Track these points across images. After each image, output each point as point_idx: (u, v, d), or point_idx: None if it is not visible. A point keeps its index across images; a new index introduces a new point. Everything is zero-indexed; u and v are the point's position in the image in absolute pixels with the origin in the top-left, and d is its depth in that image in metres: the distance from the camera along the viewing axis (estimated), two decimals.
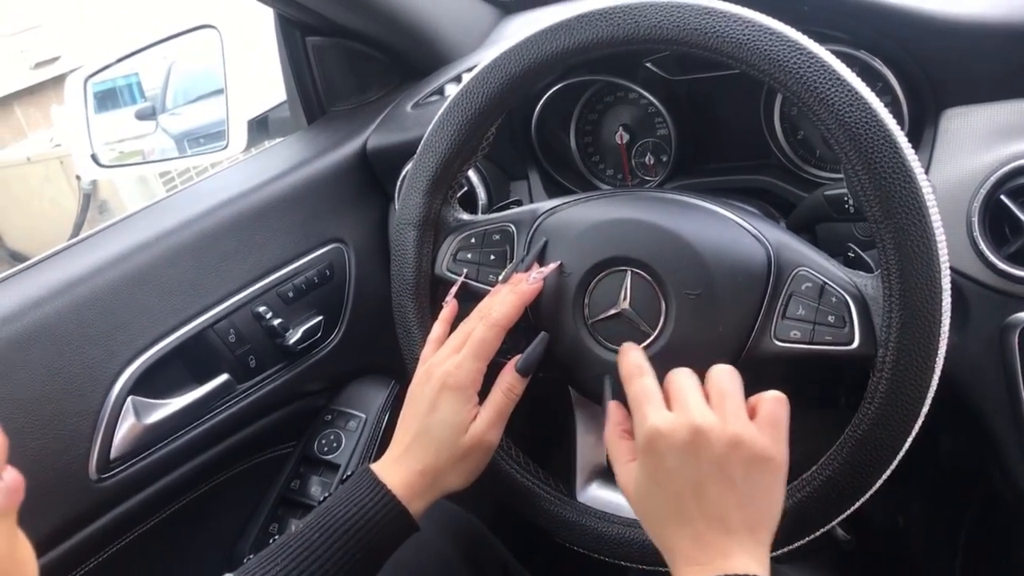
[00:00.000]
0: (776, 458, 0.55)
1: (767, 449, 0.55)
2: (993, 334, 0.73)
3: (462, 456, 0.66)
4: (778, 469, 0.56)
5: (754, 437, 0.55)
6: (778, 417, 0.56)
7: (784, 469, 0.56)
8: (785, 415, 0.57)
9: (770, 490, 0.56)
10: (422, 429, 0.66)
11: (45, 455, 0.74)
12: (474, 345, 0.66)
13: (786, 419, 0.57)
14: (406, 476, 0.65)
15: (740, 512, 0.54)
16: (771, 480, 0.56)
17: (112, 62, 1.12)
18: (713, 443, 0.54)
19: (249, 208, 0.91)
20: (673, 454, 0.55)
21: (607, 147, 0.98)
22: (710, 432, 0.54)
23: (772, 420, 0.56)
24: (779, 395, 0.57)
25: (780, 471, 0.56)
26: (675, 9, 0.61)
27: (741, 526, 0.54)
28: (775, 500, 0.56)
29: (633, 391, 0.60)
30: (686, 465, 0.55)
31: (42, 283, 0.78)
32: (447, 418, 0.65)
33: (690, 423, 0.55)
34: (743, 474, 0.54)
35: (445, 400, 0.65)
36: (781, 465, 0.56)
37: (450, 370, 0.66)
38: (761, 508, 0.55)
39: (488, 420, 0.66)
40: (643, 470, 0.57)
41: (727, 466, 0.54)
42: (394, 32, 1.07)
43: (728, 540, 0.54)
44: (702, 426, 0.54)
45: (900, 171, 0.56)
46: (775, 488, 0.56)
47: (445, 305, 0.72)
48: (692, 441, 0.54)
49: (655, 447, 0.56)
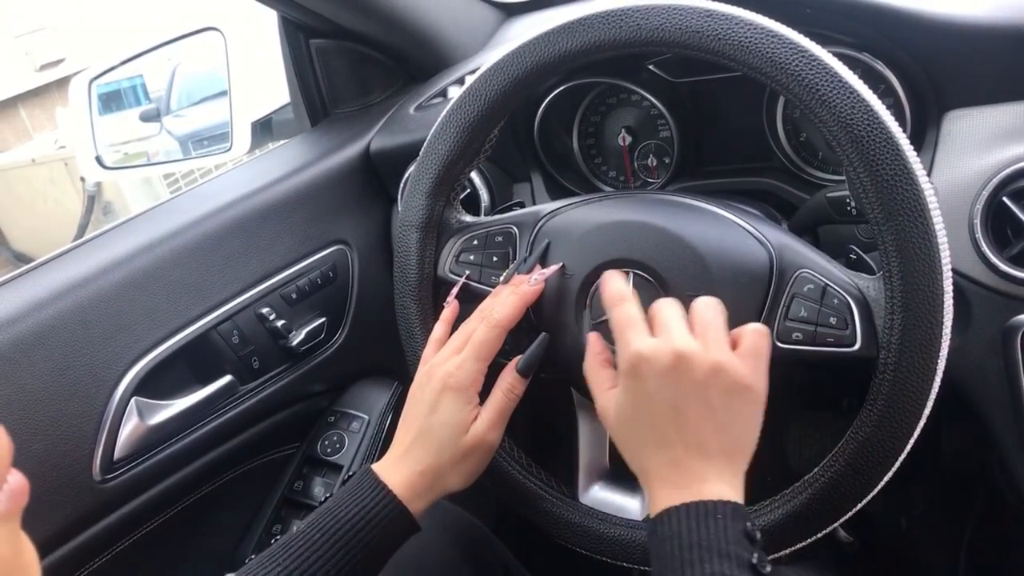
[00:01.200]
0: (755, 387, 0.56)
1: (747, 378, 0.56)
2: (995, 336, 0.73)
3: (463, 456, 0.66)
4: (757, 398, 0.57)
5: (735, 365, 0.56)
6: (760, 348, 0.57)
7: (763, 399, 0.57)
8: (766, 346, 0.58)
9: (748, 418, 0.57)
10: (423, 429, 0.66)
11: (49, 456, 0.74)
12: (475, 346, 0.66)
13: (767, 351, 0.58)
14: (407, 476, 0.65)
15: (718, 438, 0.55)
16: (750, 408, 0.57)
17: (116, 64, 1.12)
18: (694, 369, 0.55)
19: (253, 210, 0.91)
20: (654, 378, 0.56)
21: (609, 149, 0.98)
22: (692, 358, 0.55)
23: (754, 351, 0.57)
24: (761, 327, 0.58)
25: (759, 400, 0.57)
26: (677, 12, 0.61)
27: (719, 452, 0.55)
28: (753, 428, 0.57)
29: (616, 316, 0.60)
30: (667, 389, 0.55)
31: (46, 285, 0.78)
32: (448, 418, 0.65)
33: (672, 348, 0.55)
34: (723, 401, 0.55)
35: (446, 400, 0.66)
36: (760, 395, 0.57)
37: (451, 371, 0.66)
38: (739, 435, 0.56)
39: (489, 420, 0.66)
40: (624, 394, 0.58)
41: (707, 392, 0.55)
42: (397, 34, 1.07)
43: (705, 465, 0.55)
44: (684, 351, 0.55)
45: (902, 173, 0.56)
46: (753, 417, 0.57)
47: (446, 306, 0.72)
48: (674, 366, 0.55)
49: (637, 371, 0.56)
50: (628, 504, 0.72)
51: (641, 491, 0.72)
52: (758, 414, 0.57)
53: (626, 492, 0.73)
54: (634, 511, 0.71)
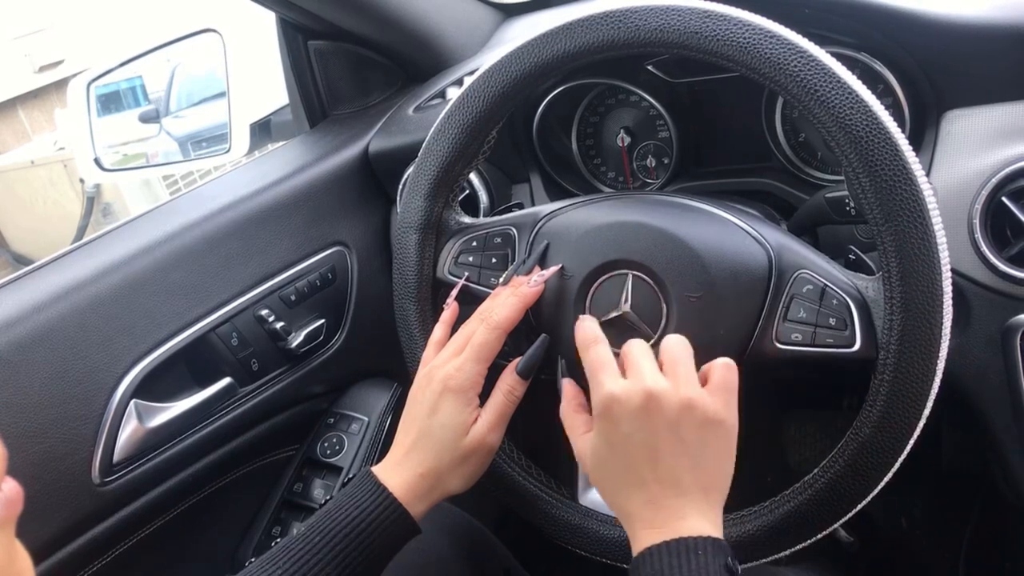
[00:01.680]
0: (727, 421, 0.57)
1: (719, 412, 0.56)
2: (995, 336, 0.73)
3: (463, 458, 0.66)
4: (729, 432, 0.57)
5: (705, 401, 0.56)
6: (729, 382, 0.57)
7: (734, 433, 0.58)
8: (735, 380, 0.58)
9: (722, 453, 0.57)
10: (423, 432, 0.66)
11: (48, 459, 0.74)
12: (475, 348, 0.66)
13: (735, 384, 0.58)
14: (407, 479, 0.65)
15: (692, 474, 0.56)
16: (722, 443, 0.57)
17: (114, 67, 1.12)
18: (665, 407, 0.55)
19: (251, 212, 0.91)
20: (627, 419, 0.56)
21: (608, 150, 0.98)
22: (662, 396, 0.55)
23: (723, 385, 0.57)
24: (729, 362, 0.58)
25: (731, 434, 0.57)
26: (675, 13, 0.61)
27: (694, 487, 0.55)
28: (727, 463, 0.58)
29: (589, 359, 0.60)
30: (640, 429, 0.56)
31: (45, 288, 0.78)
32: (448, 421, 0.65)
33: (643, 388, 0.56)
34: (695, 437, 0.56)
35: (446, 403, 0.66)
36: (732, 428, 0.57)
37: (451, 373, 0.66)
38: (713, 470, 0.57)
39: (489, 422, 0.66)
40: (599, 436, 0.58)
41: (680, 429, 0.55)
42: (396, 36, 1.07)
43: (682, 502, 0.55)
44: (654, 391, 0.56)
45: (901, 174, 0.56)
46: (726, 451, 0.57)
47: (446, 308, 0.72)
48: (645, 406, 0.56)
49: (610, 412, 0.57)
50: None
51: None
52: (731, 448, 0.58)
53: None
54: None
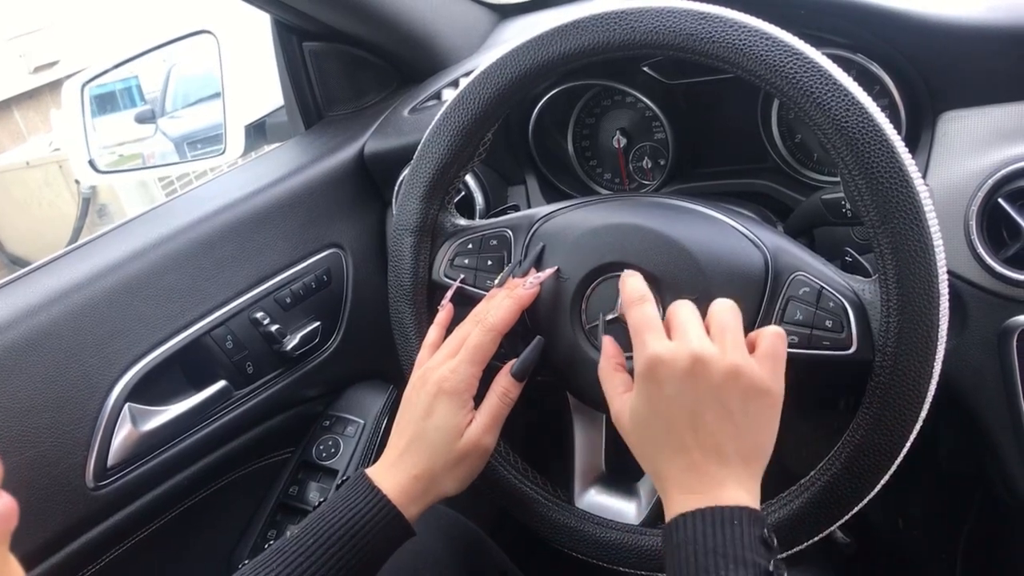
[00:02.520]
0: (773, 390, 0.56)
1: (764, 381, 0.55)
2: (991, 337, 0.73)
3: (457, 461, 0.66)
4: (775, 402, 0.56)
5: (752, 369, 0.55)
6: (777, 351, 0.56)
7: (780, 402, 0.57)
8: (783, 349, 0.57)
9: (766, 422, 0.56)
10: (417, 434, 0.66)
11: (41, 463, 0.74)
12: (470, 350, 0.66)
13: (784, 354, 0.57)
14: (401, 481, 0.65)
15: (735, 443, 0.54)
16: (767, 412, 0.56)
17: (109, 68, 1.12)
18: (712, 372, 0.54)
19: (246, 213, 0.91)
20: (672, 381, 0.55)
21: (604, 151, 0.98)
22: (710, 361, 0.54)
23: (771, 353, 0.56)
24: (778, 330, 0.57)
25: (776, 404, 0.56)
26: (670, 14, 0.61)
27: (736, 456, 0.54)
28: (770, 432, 0.56)
29: (634, 317, 0.59)
30: (684, 393, 0.55)
31: (39, 290, 0.77)
32: (442, 423, 0.65)
33: (690, 351, 0.55)
34: (740, 405, 0.55)
35: (440, 405, 0.65)
36: (778, 398, 0.56)
37: (445, 375, 0.66)
38: (756, 439, 0.56)
39: (483, 425, 0.66)
40: (640, 397, 0.57)
41: (725, 396, 0.54)
42: (391, 37, 1.07)
43: (722, 470, 0.54)
44: (702, 355, 0.54)
45: (897, 175, 0.55)
46: (771, 420, 0.56)
47: (441, 310, 0.72)
48: (691, 369, 0.54)
49: (655, 374, 0.56)
50: (624, 508, 0.71)
51: (637, 495, 0.72)
52: (775, 417, 0.57)
53: (622, 496, 0.73)
54: (630, 515, 0.71)
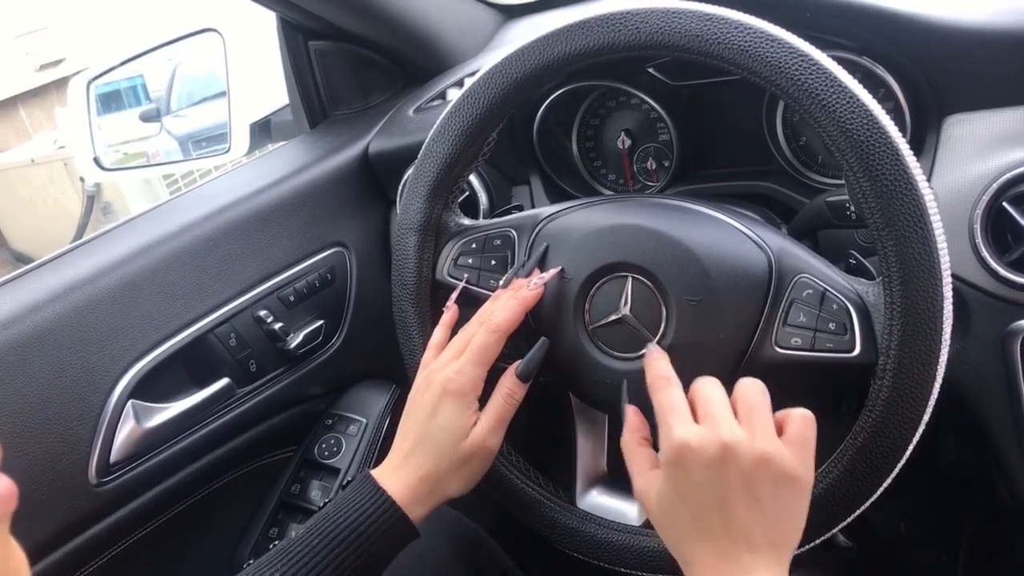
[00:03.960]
0: (803, 477, 0.55)
1: (795, 468, 0.54)
2: (995, 341, 0.72)
3: (462, 462, 0.66)
4: (804, 489, 0.55)
5: (783, 455, 0.54)
6: (806, 436, 0.55)
7: (809, 488, 0.56)
8: (813, 434, 0.56)
9: (796, 509, 0.55)
10: (422, 435, 0.66)
11: (45, 459, 0.74)
12: (474, 351, 0.66)
13: (813, 437, 0.56)
14: (407, 482, 0.65)
15: (765, 530, 0.54)
16: (797, 499, 0.55)
17: (115, 65, 1.12)
18: (741, 460, 0.53)
19: (251, 212, 0.91)
20: (700, 469, 0.54)
21: (609, 152, 0.98)
22: (739, 449, 0.53)
23: (800, 439, 0.55)
24: (807, 413, 0.56)
25: (806, 489, 0.55)
26: (676, 15, 0.60)
27: (765, 544, 0.53)
28: (799, 518, 0.55)
29: (660, 401, 0.58)
30: (713, 481, 0.54)
31: (43, 287, 0.78)
32: (447, 424, 0.65)
33: (719, 439, 0.53)
34: (770, 492, 0.53)
35: (445, 406, 0.65)
36: (808, 484, 0.55)
37: (450, 376, 0.66)
38: (786, 527, 0.55)
39: (488, 426, 0.66)
40: (668, 483, 0.56)
41: (754, 484, 0.53)
42: (397, 36, 1.07)
43: (752, 557, 0.53)
44: (731, 442, 0.53)
45: (902, 178, 0.55)
46: (800, 507, 0.55)
47: (446, 310, 0.72)
48: (720, 457, 0.53)
49: (683, 460, 0.54)
50: (626, 509, 0.71)
51: None
52: (805, 503, 0.56)
53: (624, 497, 0.73)
54: (632, 516, 0.71)
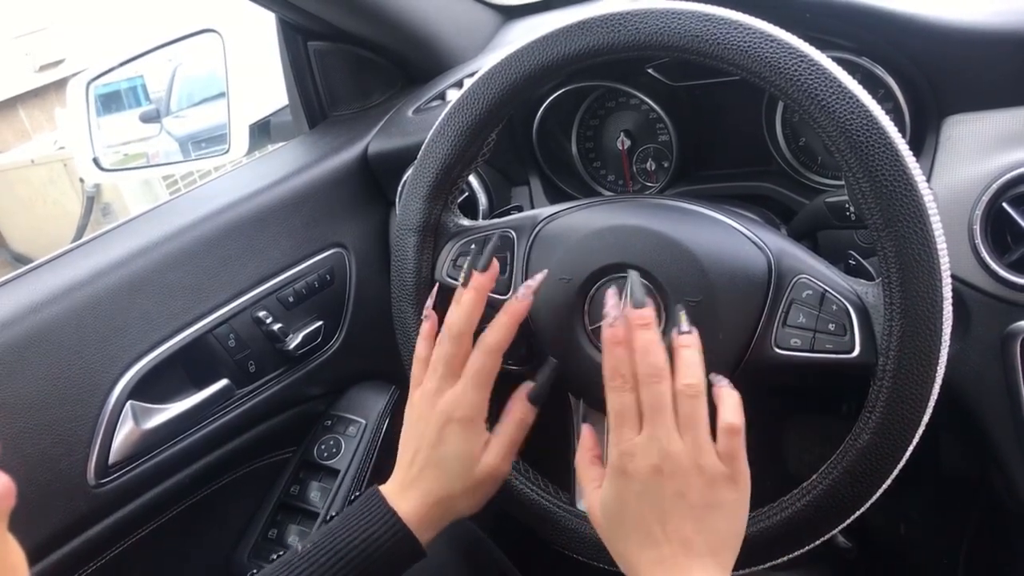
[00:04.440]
0: (738, 482, 0.57)
1: (728, 477, 0.56)
2: (994, 342, 0.72)
3: (474, 487, 0.66)
4: (741, 495, 0.57)
5: (715, 466, 0.56)
6: (734, 449, 0.56)
7: (747, 492, 0.58)
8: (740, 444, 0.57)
9: (732, 514, 0.57)
10: (431, 461, 0.65)
11: (43, 459, 0.74)
12: (474, 376, 0.65)
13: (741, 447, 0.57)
14: (417, 506, 0.64)
15: (704, 536, 0.56)
16: (734, 506, 0.57)
17: (115, 66, 1.12)
18: (678, 470, 0.55)
19: (250, 212, 0.91)
20: (640, 478, 0.56)
21: (608, 153, 0.98)
22: (677, 459, 0.55)
23: (728, 453, 0.56)
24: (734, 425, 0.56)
25: (743, 494, 0.57)
26: (676, 16, 0.60)
27: (704, 548, 0.55)
28: (738, 523, 0.58)
29: (612, 403, 0.59)
30: (653, 490, 0.56)
31: (42, 287, 0.78)
32: (457, 451, 0.65)
33: (659, 448, 0.56)
34: (705, 501, 0.56)
35: (452, 434, 0.65)
36: (744, 489, 0.57)
37: (453, 404, 0.65)
38: (723, 532, 0.57)
39: (500, 452, 0.66)
40: (610, 490, 0.59)
41: (690, 492, 0.55)
42: (396, 37, 1.07)
43: (692, 562, 0.55)
44: (670, 452, 0.55)
45: (901, 179, 0.55)
46: (737, 512, 0.58)
47: (425, 320, 0.69)
48: (659, 467, 0.56)
49: (625, 469, 0.57)
50: None
51: None
52: (743, 507, 0.58)
53: None
54: None
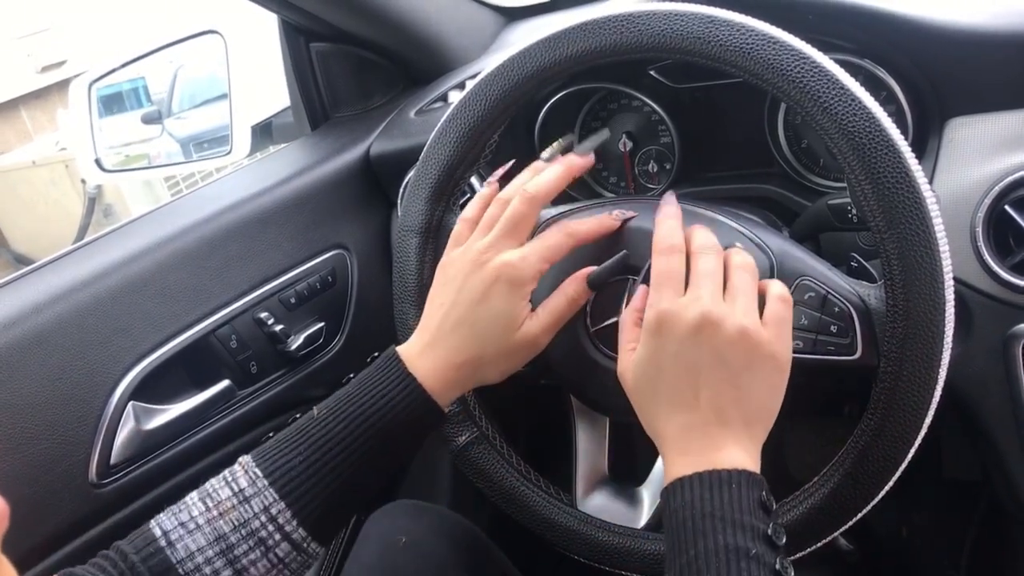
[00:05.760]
0: (779, 354, 0.55)
1: (771, 344, 0.55)
2: (996, 345, 0.72)
3: (509, 353, 0.63)
4: (781, 367, 0.56)
5: (760, 332, 0.55)
6: (782, 316, 0.56)
7: (787, 368, 0.56)
8: (789, 314, 0.57)
9: (770, 386, 0.56)
10: (467, 319, 0.62)
11: (45, 460, 0.74)
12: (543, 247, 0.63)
13: (790, 318, 0.57)
14: (439, 366, 0.62)
15: (738, 404, 0.54)
16: (773, 377, 0.56)
17: (116, 67, 1.12)
18: (719, 332, 0.54)
19: (251, 214, 0.91)
20: (678, 338, 0.55)
21: (611, 155, 0.98)
22: (717, 320, 0.54)
23: (777, 318, 0.56)
24: (784, 294, 0.57)
25: (783, 369, 0.56)
26: (679, 17, 0.60)
27: (737, 419, 0.54)
28: (775, 397, 0.56)
29: (658, 266, 0.58)
30: (690, 350, 0.54)
31: (44, 288, 0.78)
32: (500, 311, 0.62)
33: (701, 309, 0.54)
34: (745, 368, 0.54)
35: (499, 292, 0.62)
36: (784, 363, 0.56)
37: (512, 262, 0.62)
38: (760, 403, 0.55)
39: (544, 324, 0.63)
40: (646, 350, 0.57)
41: (730, 357, 0.54)
42: (398, 38, 1.07)
43: (723, 432, 0.54)
44: (712, 315, 0.54)
45: (904, 181, 0.55)
46: (775, 386, 0.56)
47: (487, 185, 0.68)
48: (699, 326, 0.54)
49: (661, 329, 0.55)
50: (627, 512, 0.71)
51: (640, 499, 0.72)
52: (781, 383, 0.56)
53: (625, 500, 0.72)
54: (633, 519, 0.71)
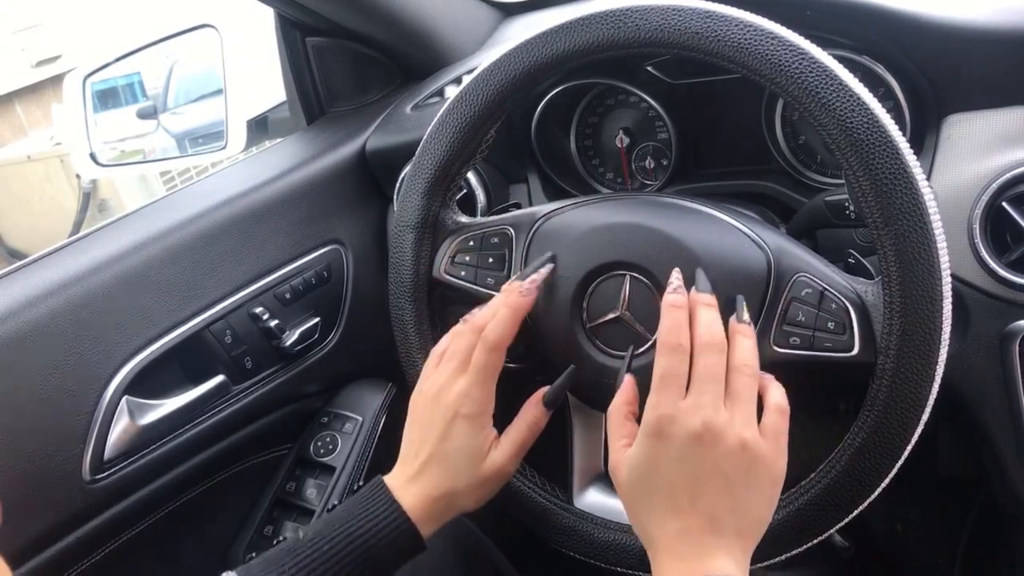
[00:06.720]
0: (776, 468, 0.56)
1: (768, 458, 0.55)
2: (993, 342, 0.72)
3: (480, 483, 0.65)
4: (777, 478, 0.56)
5: (759, 444, 0.55)
6: (780, 429, 0.57)
7: (781, 478, 0.57)
8: (786, 426, 0.57)
9: (766, 499, 0.56)
10: (436, 455, 0.65)
11: (38, 455, 0.73)
12: (478, 371, 0.64)
13: (786, 430, 0.57)
14: (421, 500, 0.64)
15: (733, 515, 0.54)
16: (768, 490, 0.56)
17: (111, 61, 1.12)
18: (720, 442, 0.54)
19: (247, 208, 0.91)
20: (678, 444, 0.54)
21: (607, 150, 0.98)
22: (719, 430, 0.54)
23: (775, 431, 0.56)
24: (782, 405, 0.57)
25: (778, 480, 0.56)
26: (676, 12, 0.60)
27: (731, 529, 0.54)
28: (768, 507, 0.56)
29: (661, 365, 0.57)
30: (689, 458, 0.54)
31: (38, 282, 0.77)
32: (463, 446, 0.64)
33: (703, 418, 0.54)
34: (743, 479, 0.54)
35: (459, 429, 0.64)
36: (780, 474, 0.56)
37: (459, 399, 0.64)
38: (755, 515, 0.55)
39: (509, 453, 0.66)
40: (643, 452, 0.56)
41: (729, 467, 0.54)
42: (395, 33, 1.06)
43: (716, 541, 0.54)
44: (714, 424, 0.54)
45: (901, 177, 0.55)
46: (770, 496, 0.56)
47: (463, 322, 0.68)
48: (700, 435, 0.54)
49: (663, 432, 0.55)
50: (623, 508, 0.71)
51: None
52: (776, 494, 0.57)
53: None
54: None
